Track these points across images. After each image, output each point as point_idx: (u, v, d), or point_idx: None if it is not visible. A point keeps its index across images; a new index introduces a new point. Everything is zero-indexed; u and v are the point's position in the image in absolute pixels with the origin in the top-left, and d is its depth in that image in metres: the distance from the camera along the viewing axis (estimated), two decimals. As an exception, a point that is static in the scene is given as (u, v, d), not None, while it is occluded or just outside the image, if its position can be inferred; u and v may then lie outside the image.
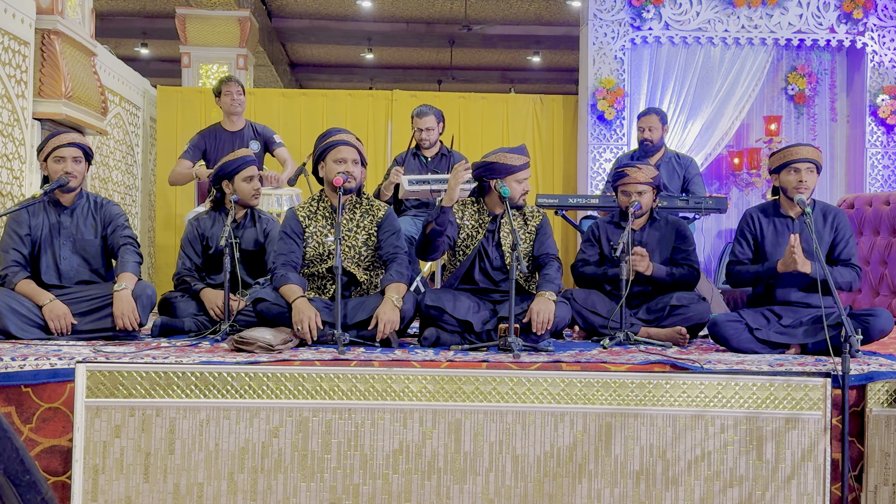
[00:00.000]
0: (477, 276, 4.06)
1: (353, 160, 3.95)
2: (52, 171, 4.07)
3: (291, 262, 3.93)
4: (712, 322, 3.93)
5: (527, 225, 4.11)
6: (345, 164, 3.93)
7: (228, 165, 4.43)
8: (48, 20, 5.36)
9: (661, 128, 5.79)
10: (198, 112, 7.78)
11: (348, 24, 12.42)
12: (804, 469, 3.24)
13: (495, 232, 4.07)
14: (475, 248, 4.03)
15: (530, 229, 4.10)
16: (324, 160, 3.99)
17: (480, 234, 4.05)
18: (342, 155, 3.94)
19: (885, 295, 5.76)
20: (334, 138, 3.98)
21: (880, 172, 7.47)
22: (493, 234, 4.06)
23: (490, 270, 4.05)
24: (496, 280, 4.06)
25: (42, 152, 4.10)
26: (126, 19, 12.27)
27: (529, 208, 4.16)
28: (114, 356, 3.31)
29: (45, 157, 4.09)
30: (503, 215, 4.06)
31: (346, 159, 3.93)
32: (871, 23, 7.45)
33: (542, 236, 4.09)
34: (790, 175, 3.94)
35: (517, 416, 3.24)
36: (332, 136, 4.00)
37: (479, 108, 7.91)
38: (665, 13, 7.39)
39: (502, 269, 4.04)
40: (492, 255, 4.05)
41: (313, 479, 3.21)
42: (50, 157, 4.07)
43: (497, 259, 4.04)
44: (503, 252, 4.03)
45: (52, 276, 4.08)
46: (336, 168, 3.93)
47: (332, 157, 3.95)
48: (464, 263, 4.04)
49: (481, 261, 4.06)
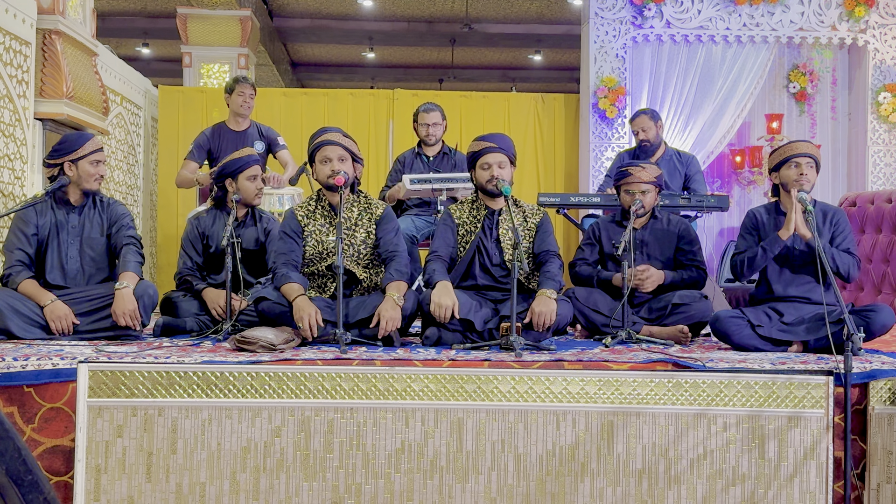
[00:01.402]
0: (477, 273, 4.07)
1: (338, 157, 3.95)
2: (84, 173, 4.08)
3: (292, 262, 3.93)
4: (714, 318, 3.93)
5: (526, 222, 4.11)
6: (329, 162, 3.94)
7: (233, 164, 4.44)
8: (49, 20, 5.36)
9: (655, 125, 5.77)
10: (199, 112, 7.78)
11: (349, 23, 12.42)
12: (806, 467, 3.23)
13: (493, 228, 4.07)
14: (473, 243, 4.04)
15: (530, 226, 4.10)
16: (314, 162, 4.01)
17: (478, 230, 4.06)
18: (326, 154, 3.95)
19: (887, 293, 5.75)
20: (319, 139, 4.00)
21: (882, 170, 7.46)
22: (492, 231, 4.07)
23: (490, 267, 4.06)
24: (496, 276, 4.06)
25: (74, 154, 4.07)
26: (127, 19, 12.28)
27: (530, 206, 4.16)
28: (116, 356, 3.31)
29: (76, 160, 4.07)
30: (500, 212, 4.07)
31: (331, 158, 3.94)
32: (873, 20, 7.44)
33: (542, 234, 4.09)
34: (790, 170, 3.94)
35: (519, 415, 3.24)
36: (318, 137, 4.01)
37: (480, 106, 7.91)
38: (666, 11, 7.38)
39: (502, 265, 4.04)
40: (491, 251, 4.05)
41: (315, 478, 3.21)
42: (84, 159, 4.09)
43: (496, 255, 4.05)
44: (502, 248, 4.03)
45: (57, 275, 4.08)
46: (323, 168, 3.95)
47: (318, 158, 3.98)
48: (463, 260, 4.05)
49: (480, 257, 4.06)
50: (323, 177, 3.95)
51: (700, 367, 3.31)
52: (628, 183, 4.29)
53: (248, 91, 5.78)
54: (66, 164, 4.09)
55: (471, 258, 4.06)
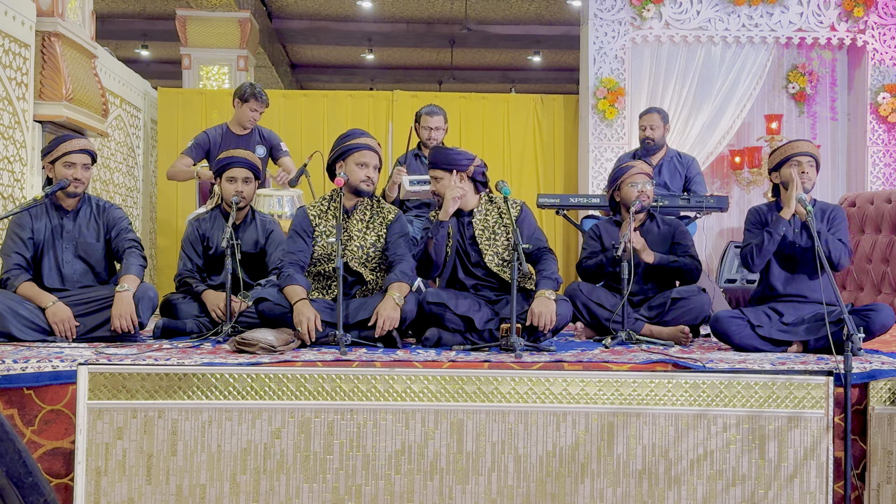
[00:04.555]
0: (461, 277, 4.06)
1: (374, 166, 3.97)
2: (60, 175, 4.02)
3: (299, 262, 3.93)
4: (714, 318, 3.94)
5: (502, 218, 4.06)
6: (366, 168, 3.95)
7: (218, 162, 4.44)
8: (48, 22, 5.36)
9: (663, 126, 5.78)
10: (199, 113, 7.78)
11: (348, 24, 12.42)
12: (807, 468, 3.23)
13: (465, 228, 4.05)
14: (452, 247, 4.03)
15: (506, 222, 4.05)
16: (344, 160, 3.99)
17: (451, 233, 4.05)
18: (366, 159, 3.96)
19: (886, 293, 5.75)
20: (359, 140, 3.99)
21: (881, 170, 7.47)
22: (465, 231, 4.05)
23: (472, 268, 4.04)
24: (479, 276, 4.04)
25: (50, 155, 4.04)
26: (126, 21, 12.27)
27: (512, 201, 4.10)
28: (116, 358, 3.31)
29: (53, 161, 4.03)
30: (472, 213, 4.05)
31: (369, 164, 3.96)
32: (872, 21, 7.44)
33: (526, 228, 4.02)
34: (791, 169, 3.94)
35: (519, 416, 3.24)
36: (358, 139, 4.00)
37: (479, 108, 7.91)
38: (665, 12, 7.38)
39: (481, 264, 4.03)
40: (470, 253, 4.04)
41: (315, 479, 3.21)
42: (59, 161, 4.01)
43: (474, 255, 4.02)
44: (480, 249, 4.01)
45: (54, 279, 4.07)
46: (358, 172, 3.94)
47: (355, 160, 3.96)
48: (448, 265, 4.05)
49: (461, 260, 4.05)
50: (356, 179, 3.94)
51: (700, 368, 3.31)
52: (631, 175, 4.30)
53: (262, 108, 5.70)
54: (46, 166, 4.08)
55: (453, 261, 4.05)
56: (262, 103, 5.71)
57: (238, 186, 4.34)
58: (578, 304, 4.16)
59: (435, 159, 4.01)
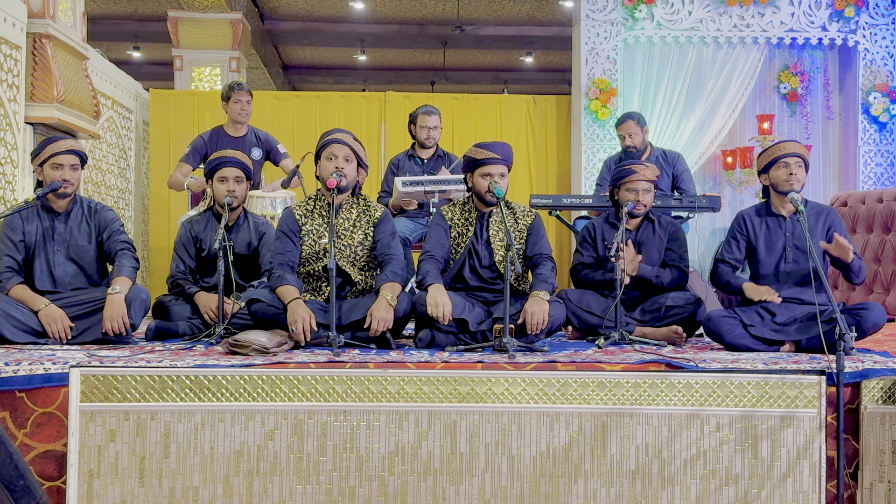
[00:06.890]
0: (467, 275, 4.07)
1: (343, 157, 3.94)
2: (49, 177, 4.01)
3: (288, 262, 3.92)
4: (707, 317, 3.95)
5: (517, 224, 4.10)
6: (335, 160, 3.93)
7: (209, 163, 4.42)
8: (40, 24, 5.34)
9: (641, 131, 5.77)
10: (190, 115, 7.77)
11: (341, 25, 12.41)
12: (799, 467, 3.24)
13: (483, 230, 4.07)
14: (465, 246, 4.04)
15: (521, 228, 4.09)
16: (319, 160, 4.00)
17: (470, 232, 4.05)
18: (333, 151, 3.95)
19: (878, 292, 5.77)
20: (328, 137, 4.00)
21: (873, 170, 7.50)
22: (482, 233, 4.07)
23: (479, 268, 4.05)
24: (486, 278, 4.05)
25: (38, 157, 4.03)
26: (118, 23, 12.24)
27: (521, 208, 4.15)
28: (108, 360, 3.30)
29: (42, 163, 4.02)
30: (490, 214, 4.06)
31: (337, 156, 3.94)
32: (863, 21, 7.47)
33: (534, 236, 4.08)
34: (780, 170, 3.96)
35: (513, 417, 3.24)
36: (328, 136, 4.01)
37: (472, 108, 7.92)
38: (657, 13, 7.40)
39: (491, 267, 4.04)
40: (481, 253, 4.05)
41: (309, 481, 3.20)
42: (47, 163, 4.00)
43: (486, 257, 4.04)
44: (492, 250, 4.03)
45: (46, 282, 4.05)
46: (327, 165, 3.93)
47: (324, 155, 3.97)
48: (456, 263, 4.04)
49: (471, 259, 4.06)
50: (326, 174, 3.92)
51: (693, 368, 3.31)
52: (632, 181, 4.27)
53: (245, 98, 5.74)
54: (35, 168, 4.07)
55: (462, 260, 4.06)
56: (245, 92, 5.76)
57: (230, 186, 4.31)
58: (568, 312, 4.14)
59: (506, 155, 4.02)
